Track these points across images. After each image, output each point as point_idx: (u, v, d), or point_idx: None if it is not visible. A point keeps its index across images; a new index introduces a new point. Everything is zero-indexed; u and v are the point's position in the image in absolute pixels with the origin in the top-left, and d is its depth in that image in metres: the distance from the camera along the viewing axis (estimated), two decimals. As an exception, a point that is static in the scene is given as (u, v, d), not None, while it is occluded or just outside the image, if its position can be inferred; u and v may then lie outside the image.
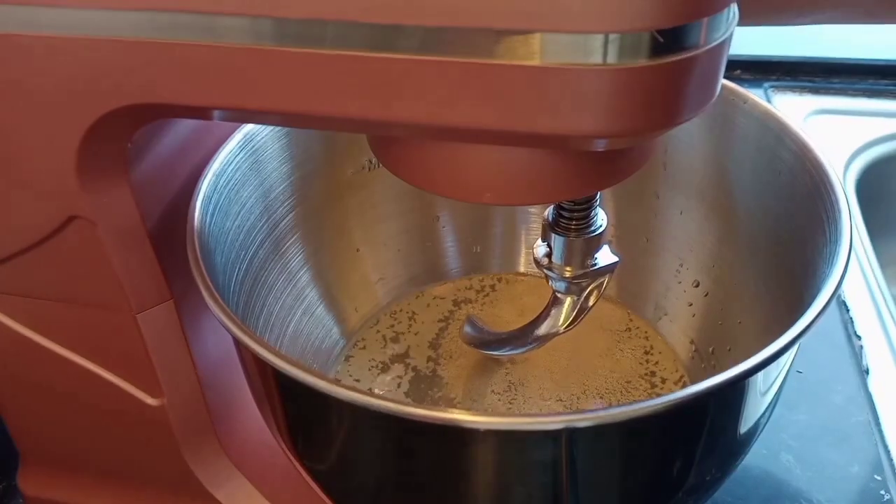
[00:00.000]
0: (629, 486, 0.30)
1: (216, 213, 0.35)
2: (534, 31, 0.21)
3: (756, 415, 0.32)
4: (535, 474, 0.29)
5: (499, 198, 0.27)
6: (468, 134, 0.24)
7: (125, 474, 0.41)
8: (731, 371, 0.26)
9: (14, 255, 0.32)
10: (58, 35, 0.25)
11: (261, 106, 0.25)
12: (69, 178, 0.29)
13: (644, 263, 0.47)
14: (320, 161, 0.43)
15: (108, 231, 0.31)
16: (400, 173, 0.28)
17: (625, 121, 0.22)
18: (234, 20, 0.23)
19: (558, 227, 0.34)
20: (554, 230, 0.34)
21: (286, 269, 0.42)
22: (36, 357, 0.36)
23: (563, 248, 0.35)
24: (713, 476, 0.32)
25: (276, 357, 0.27)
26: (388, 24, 0.22)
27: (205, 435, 0.39)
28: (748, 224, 0.40)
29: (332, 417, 0.30)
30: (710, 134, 0.41)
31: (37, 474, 0.43)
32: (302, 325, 0.43)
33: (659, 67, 0.21)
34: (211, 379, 0.38)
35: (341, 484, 0.34)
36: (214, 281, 0.31)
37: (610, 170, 0.27)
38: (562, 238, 0.34)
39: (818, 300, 0.29)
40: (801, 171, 0.35)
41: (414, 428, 0.27)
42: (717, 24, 0.22)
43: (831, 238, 0.32)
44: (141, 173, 0.33)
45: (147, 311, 0.34)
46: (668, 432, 0.29)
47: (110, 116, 0.27)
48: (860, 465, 0.44)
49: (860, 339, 0.51)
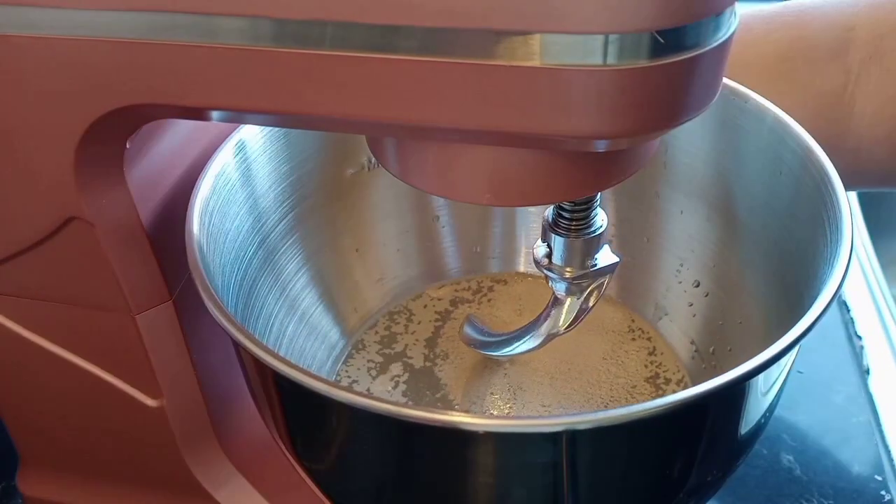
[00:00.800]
0: (629, 487, 0.30)
1: (215, 215, 0.34)
2: (534, 31, 0.21)
3: (757, 416, 0.31)
4: (535, 476, 0.29)
5: (498, 199, 0.27)
6: (468, 135, 0.24)
7: (124, 475, 0.41)
8: (731, 373, 0.26)
9: (12, 257, 0.32)
10: (56, 36, 0.25)
11: (259, 107, 0.25)
12: (67, 179, 0.29)
13: (644, 263, 0.47)
14: (319, 161, 0.43)
15: (106, 232, 0.31)
16: (399, 174, 0.28)
17: (625, 122, 0.22)
18: (233, 21, 0.23)
19: (558, 228, 0.34)
20: (554, 231, 0.34)
21: (285, 270, 0.42)
22: (35, 358, 0.36)
23: (563, 248, 0.35)
24: (714, 477, 0.32)
25: (274, 359, 0.27)
26: (387, 25, 0.22)
27: (204, 436, 0.39)
28: (749, 224, 0.40)
29: (332, 419, 0.30)
30: (712, 133, 0.40)
31: (36, 475, 0.43)
32: (301, 326, 0.43)
33: (659, 68, 0.21)
34: (210, 380, 0.38)
35: (341, 485, 0.34)
36: (213, 282, 0.31)
37: (610, 170, 0.27)
38: (562, 239, 0.34)
39: (819, 301, 0.28)
40: (803, 171, 0.35)
41: (413, 430, 0.27)
42: (718, 24, 0.22)
43: (832, 238, 0.32)
44: (139, 174, 0.32)
45: (146, 311, 0.34)
46: (668, 434, 0.29)
47: (108, 117, 0.27)
48: (861, 465, 0.44)
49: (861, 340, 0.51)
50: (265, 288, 0.40)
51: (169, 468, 0.39)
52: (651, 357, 0.45)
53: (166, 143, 0.35)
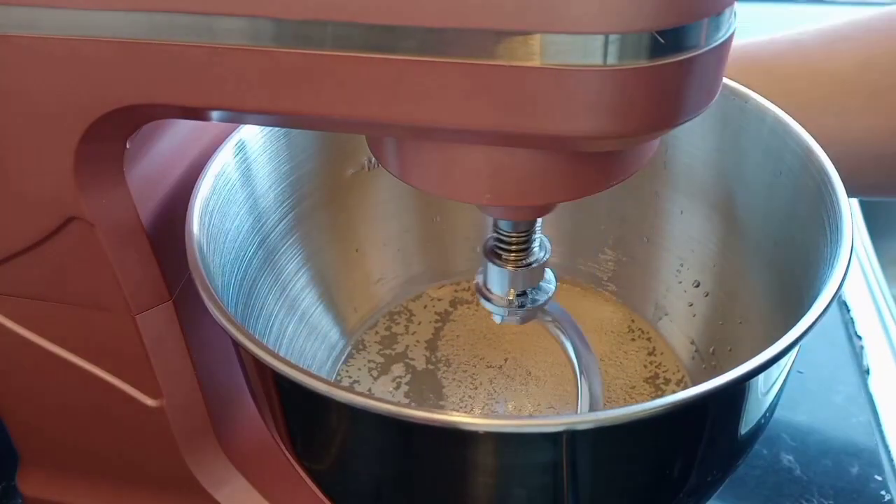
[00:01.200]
0: (630, 487, 0.30)
1: (215, 214, 0.34)
2: (534, 31, 0.21)
3: (757, 416, 0.31)
4: (535, 477, 0.29)
5: (499, 199, 0.27)
6: (468, 135, 0.24)
7: (124, 475, 0.41)
8: (731, 373, 0.26)
9: (12, 257, 0.32)
10: (56, 36, 0.25)
11: (259, 107, 0.25)
12: (67, 179, 0.29)
13: (644, 263, 0.47)
14: (319, 161, 0.43)
15: (106, 232, 0.31)
16: (399, 174, 0.28)
17: (625, 122, 0.22)
18: (233, 21, 0.23)
19: (496, 257, 0.33)
20: (491, 259, 0.33)
21: (285, 269, 0.42)
22: (35, 358, 0.36)
23: (499, 278, 0.34)
24: (714, 477, 0.32)
25: (274, 359, 0.27)
26: (387, 25, 0.22)
27: (204, 436, 0.39)
28: (749, 224, 0.40)
29: (332, 419, 0.30)
30: (712, 133, 0.40)
31: (36, 475, 0.43)
32: (301, 326, 0.43)
33: (659, 68, 0.21)
34: (210, 379, 0.38)
35: (341, 485, 0.34)
36: (213, 282, 0.31)
37: (610, 170, 0.27)
38: (497, 268, 0.33)
39: (819, 301, 0.28)
40: (803, 171, 0.35)
41: (413, 430, 0.27)
42: (718, 24, 0.22)
43: (832, 238, 0.32)
44: (139, 174, 0.32)
45: (146, 311, 0.34)
46: (668, 434, 0.29)
47: (108, 117, 0.27)
48: (861, 465, 0.44)
49: (861, 340, 0.51)
50: (265, 288, 0.40)
51: (169, 468, 0.39)
52: (651, 357, 0.45)
53: (166, 143, 0.35)
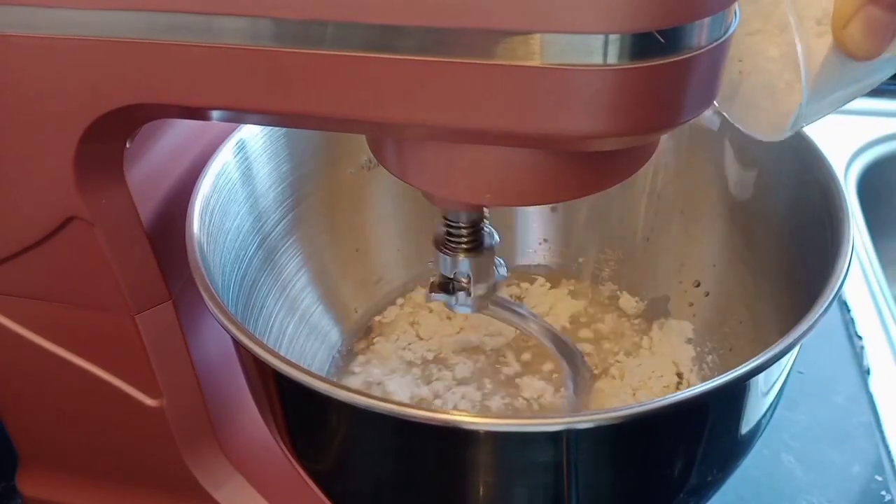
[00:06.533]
0: (630, 486, 0.30)
1: (215, 214, 0.34)
2: (534, 31, 0.21)
3: (757, 415, 0.31)
4: (536, 476, 0.29)
5: (498, 198, 0.27)
6: (468, 135, 0.24)
7: (124, 475, 0.41)
8: (731, 373, 0.26)
9: (12, 256, 0.32)
10: (56, 36, 0.25)
11: (259, 107, 0.25)
12: (67, 178, 0.29)
13: (644, 263, 0.47)
14: (319, 161, 0.43)
15: (106, 232, 0.31)
16: (399, 174, 0.28)
17: (625, 121, 0.22)
18: (233, 21, 0.23)
19: (445, 247, 0.34)
20: (440, 249, 0.34)
21: (286, 269, 0.42)
22: (35, 358, 0.36)
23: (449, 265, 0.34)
24: (714, 476, 0.32)
25: (275, 359, 0.27)
26: (387, 25, 0.22)
27: (204, 436, 0.39)
28: (749, 224, 0.40)
29: (332, 419, 0.30)
30: (712, 133, 0.40)
31: (36, 475, 0.43)
32: (301, 326, 0.43)
33: (659, 68, 0.21)
34: (210, 379, 0.38)
35: (341, 485, 0.34)
36: (214, 282, 0.31)
37: (610, 170, 0.27)
38: (447, 257, 0.34)
39: (819, 301, 0.28)
40: (803, 171, 0.35)
41: (414, 429, 0.27)
42: (717, 24, 0.22)
43: (833, 239, 0.32)
44: (139, 173, 0.32)
45: (146, 311, 0.34)
46: (669, 433, 0.29)
47: (108, 117, 0.27)
48: (861, 465, 0.44)
49: (861, 340, 0.51)
50: (265, 288, 0.40)
51: (169, 468, 0.39)
52: (651, 357, 0.45)
53: (166, 143, 0.35)
